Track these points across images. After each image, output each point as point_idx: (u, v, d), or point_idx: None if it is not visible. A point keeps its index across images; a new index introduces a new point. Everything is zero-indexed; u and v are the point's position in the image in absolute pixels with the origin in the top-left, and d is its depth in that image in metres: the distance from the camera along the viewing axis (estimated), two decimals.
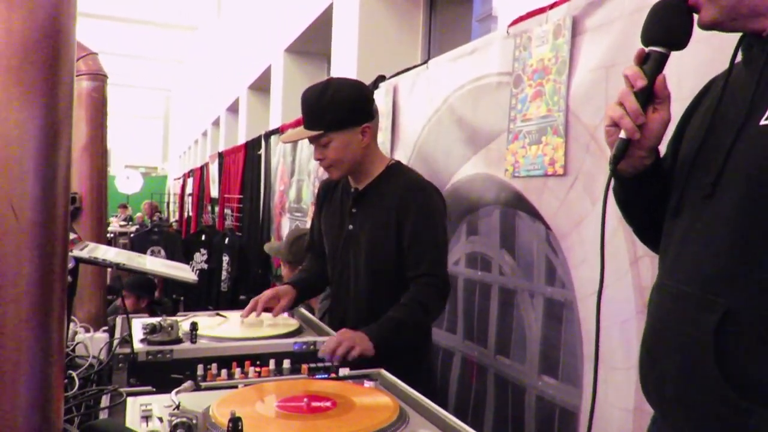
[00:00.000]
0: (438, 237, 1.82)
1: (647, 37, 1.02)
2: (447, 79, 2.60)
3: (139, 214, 13.14)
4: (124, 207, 13.59)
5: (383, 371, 1.43)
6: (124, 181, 15.83)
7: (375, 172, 1.88)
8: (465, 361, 2.42)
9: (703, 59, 1.38)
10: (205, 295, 5.32)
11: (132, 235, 7.49)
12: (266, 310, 1.86)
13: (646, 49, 1.02)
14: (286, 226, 4.96)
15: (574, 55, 1.87)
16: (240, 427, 0.94)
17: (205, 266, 5.51)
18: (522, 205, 2.07)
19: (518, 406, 2.08)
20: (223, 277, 5.41)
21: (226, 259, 5.42)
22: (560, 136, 1.89)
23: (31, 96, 0.67)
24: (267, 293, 1.86)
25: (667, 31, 1.01)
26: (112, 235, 8.86)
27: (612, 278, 1.72)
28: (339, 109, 1.77)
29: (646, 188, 1.11)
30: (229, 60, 10.64)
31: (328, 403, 1.15)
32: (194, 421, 0.94)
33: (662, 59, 1.01)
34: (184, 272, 1.51)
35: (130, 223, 11.54)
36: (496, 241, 2.21)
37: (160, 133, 24.89)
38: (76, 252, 1.23)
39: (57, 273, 0.66)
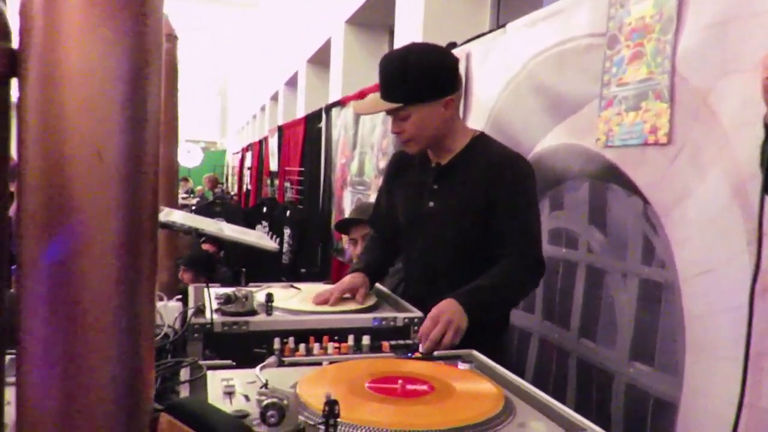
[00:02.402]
0: (532, 214, 1.68)
1: None
2: (527, 44, 2.43)
3: (200, 188, 13.38)
4: (186, 180, 13.84)
5: (476, 352, 1.33)
6: (185, 155, 16.12)
7: (458, 146, 1.75)
8: (543, 343, 2.29)
9: None
10: (267, 268, 5.33)
11: (194, 207, 7.59)
12: None
13: None
14: (347, 200, 4.88)
15: (682, 11, 1.68)
16: (337, 412, 0.85)
17: None
18: (615, 177, 1.90)
19: (604, 393, 1.94)
20: (284, 250, 5.40)
21: (287, 231, 5.40)
22: (664, 101, 1.71)
23: (119, 31, 0.58)
24: (343, 284, 1.75)
25: None
26: None
27: (722, 260, 1.55)
28: (421, 80, 1.63)
29: None
30: (288, 34, 10.60)
31: (424, 387, 1.05)
32: (285, 402, 0.85)
33: None
34: (263, 240, 1.43)
35: (192, 195, 11.76)
36: (584, 217, 2.05)
37: (218, 108, 25.28)
38: None
39: (147, 228, 0.57)
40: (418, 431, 0.89)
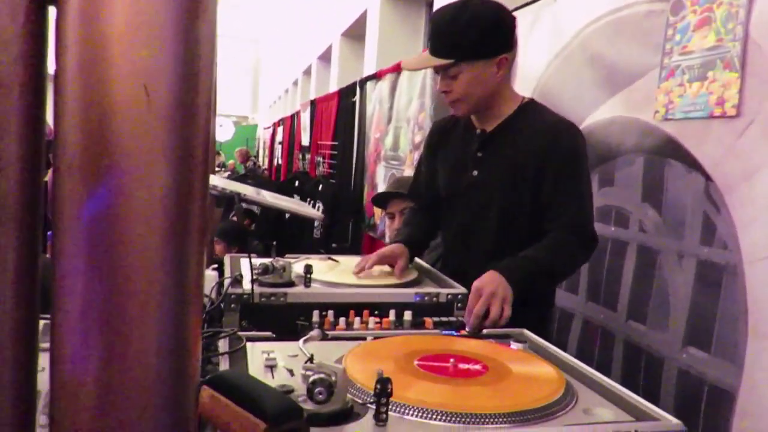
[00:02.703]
0: (585, 186, 1.58)
1: None
2: (579, 12, 2.31)
3: (231, 162, 13.42)
4: (218, 153, 13.89)
5: (527, 332, 1.25)
6: (217, 128, 16.14)
7: (506, 112, 1.65)
8: (587, 324, 2.21)
9: None
10: (298, 241, 5.30)
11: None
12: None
13: None
14: (380, 175, 4.81)
15: None
16: (389, 390, 0.78)
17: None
18: (674, 152, 1.79)
19: (653, 379, 1.85)
20: (315, 224, 5.36)
21: (319, 206, 5.36)
22: (734, 70, 1.59)
23: None
24: (382, 252, 1.68)
25: None
26: None
27: None
28: (475, 36, 1.54)
29: None
30: (322, 7, 10.46)
31: (477, 366, 0.98)
32: (333, 378, 0.79)
33: None
34: (307, 209, 1.36)
35: (223, 169, 11.80)
36: (638, 194, 1.95)
37: (250, 83, 25.30)
38: None
39: (198, 180, 0.51)
40: (475, 414, 0.82)
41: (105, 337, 0.50)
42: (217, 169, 11.51)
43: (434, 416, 0.82)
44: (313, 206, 5.37)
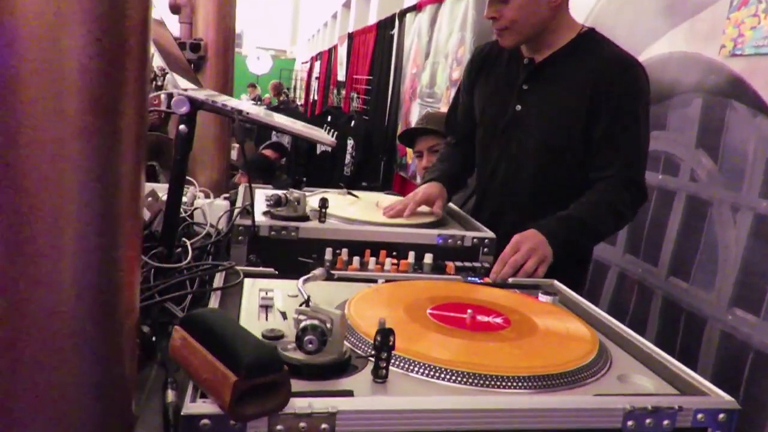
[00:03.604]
0: (643, 136, 1.41)
1: None
2: None
3: (267, 96, 13.27)
4: (253, 86, 13.75)
5: (558, 283, 1.12)
6: (255, 61, 15.96)
7: (561, 41, 1.46)
8: (623, 278, 2.06)
9: None
10: (328, 178, 5.20)
11: None
12: None
13: None
14: (415, 112, 4.62)
15: None
16: (391, 343, 0.67)
17: (329, 149, 5.35)
18: (739, 92, 1.59)
19: (693, 340, 1.71)
20: (346, 161, 5.24)
21: (350, 143, 5.22)
22: None
23: None
24: (417, 195, 1.53)
25: None
26: None
27: None
28: None
29: None
30: None
31: (498, 320, 0.86)
32: (328, 325, 0.68)
33: None
34: (319, 132, 1.23)
35: (259, 103, 11.67)
36: (691, 139, 1.76)
37: (289, 16, 24.83)
38: (192, 92, 0.98)
39: (134, 59, 0.38)
40: (489, 375, 0.71)
41: (8, 264, 0.39)
42: (253, 102, 11.40)
43: (442, 375, 0.71)
44: (344, 143, 5.24)
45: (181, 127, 1.05)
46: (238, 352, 0.57)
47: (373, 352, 0.69)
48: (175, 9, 1.87)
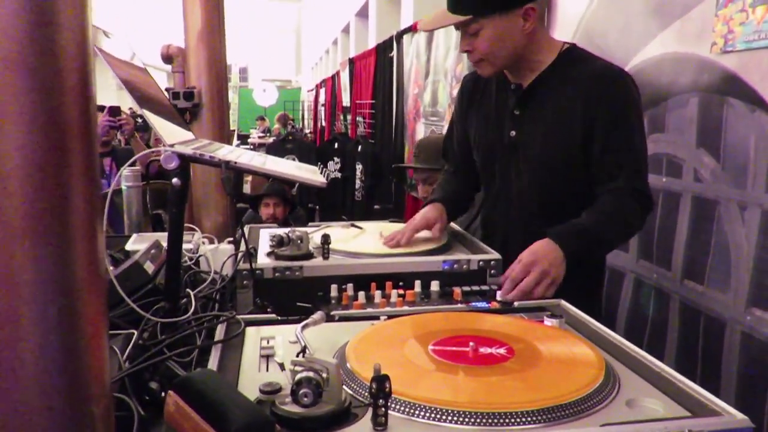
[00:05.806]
0: (640, 142, 1.41)
1: None
2: None
3: (276, 127, 13.39)
4: (262, 119, 13.89)
5: (564, 303, 1.11)
6: (261, 94, 16.13)
7: (543, 63, 1.46)
8: (639, 284, 2.03)
9: None
10: (340, 205, 5.22)
11: (266, 145, 7.56)
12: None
13: None
14: (420, 132, 4.64)
15: None
16: (388, 389, 0.66)
17: (339, 175, 5.38)
18: (735, 89, 1.58)
19: (714, 343, 1.68)
20: (357, 186, 5.26)
21: (359, 167, 5.24)
22: None
23: None
24: (415, 221, 1.52)
25: None
26: (252, 146, 9.04)
27: None
28: None
29: None
30: None
31: (502, 350, 0.85)
32: (324, 375, 0.68)
33: None
34: (311, 174, 1.24)
35: (269, 134, 11.77)
36: (691, 139, 1.74)
37: (292, 46, 25.17)
38: (178, 147, 0.99)
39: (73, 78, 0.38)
40: (492, 413, 0.70)
41: None
42: (261, 134, 11.50)
43: (446, 417, 0.70)
44: (353, 168, 5.26)
45: (174, 180, 1.06)
46: (228, 417, 0.57)
47: (370, 402, 0.68)
48: (167, 59, 1.90)
